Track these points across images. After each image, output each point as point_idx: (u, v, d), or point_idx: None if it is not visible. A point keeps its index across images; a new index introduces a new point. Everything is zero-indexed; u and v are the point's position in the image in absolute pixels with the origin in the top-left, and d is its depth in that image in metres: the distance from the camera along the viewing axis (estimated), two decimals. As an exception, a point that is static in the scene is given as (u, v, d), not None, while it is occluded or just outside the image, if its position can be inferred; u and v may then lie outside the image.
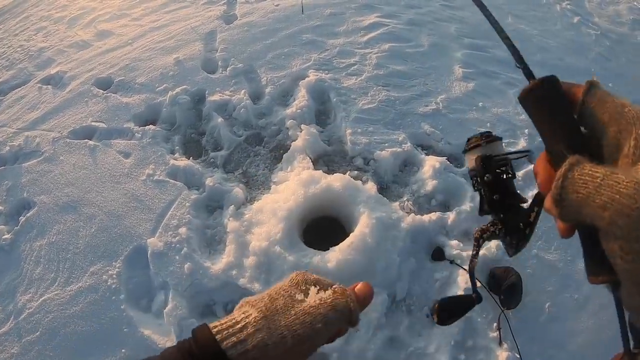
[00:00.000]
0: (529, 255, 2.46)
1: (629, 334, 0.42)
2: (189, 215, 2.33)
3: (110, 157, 2.66)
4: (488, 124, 2.96)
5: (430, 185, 2.50)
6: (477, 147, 0.61)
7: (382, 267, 2.16)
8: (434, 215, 2.37)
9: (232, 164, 2.60)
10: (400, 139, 2.69)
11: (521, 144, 2.91)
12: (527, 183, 2.66)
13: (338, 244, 2.15)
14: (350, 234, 2.16)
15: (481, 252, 2.42)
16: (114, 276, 2.24)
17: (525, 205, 0.60)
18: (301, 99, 2.79)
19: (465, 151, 0.64)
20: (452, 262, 2.27)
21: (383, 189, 2.53)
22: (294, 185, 2.30)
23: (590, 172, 0.39)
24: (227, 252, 2.20)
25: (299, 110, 2.72)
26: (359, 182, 2.42)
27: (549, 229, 2.58)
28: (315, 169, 2.46)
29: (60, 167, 2.70)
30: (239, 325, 0.51)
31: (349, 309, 0.56)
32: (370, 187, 2.43)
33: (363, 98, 2.87)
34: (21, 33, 3.70)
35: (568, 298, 2.40)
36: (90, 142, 2.75)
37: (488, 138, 0.61)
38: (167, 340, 2.08)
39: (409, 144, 2.68)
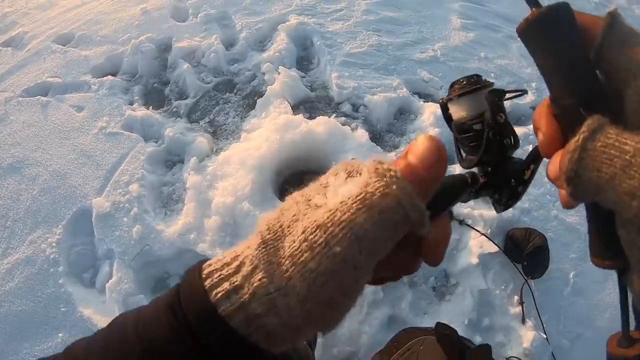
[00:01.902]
0: (549, 216, 1.83)
1: (630, 316, 0.32)
2: (142, 170, 1.72)
3: (62, 112, 2.05)
4: (492, 75, 2.34)
5: (431, 133, 1.88)
6: (467, 94, 0.42)
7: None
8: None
9: (197, 112, 1.98)
10: (394, 84, 2.07)
11: (528, 98, 2.28)
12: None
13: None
14: None
15: (493, 211, 1.80)
16: (54, 245, 1.65)
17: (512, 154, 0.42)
18: (280, 42, 2.16)
19: (450, 100, 0.44)
20: (461, 222, 1.65)
21: (376, 139, 1.90)
22: (267, 131, 1.69)
23: (617, 143, 0.24)
24: (185, 211, 1.59)
25: (277, 54, 2.10)
26: (347, 127, 1.80)
27: (565, 186, 1.95)
28: (295, 115, 1.84)
29: (9, 127, 2.09)
30: (237, 262, 0.25)
31: (402, 210, 0.23)
32: (361, 134, 1.81)
33: (351, 42, 2.24)
34: (-13, -1, 3.09)
35: (592, 267, 1.75)
36: (43, 99, 2.14)
37: (479, 84, 0.42)
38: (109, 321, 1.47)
39: (404, 89, 2.05)
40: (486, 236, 1.56)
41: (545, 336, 1.51)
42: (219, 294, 0.25)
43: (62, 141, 1.93)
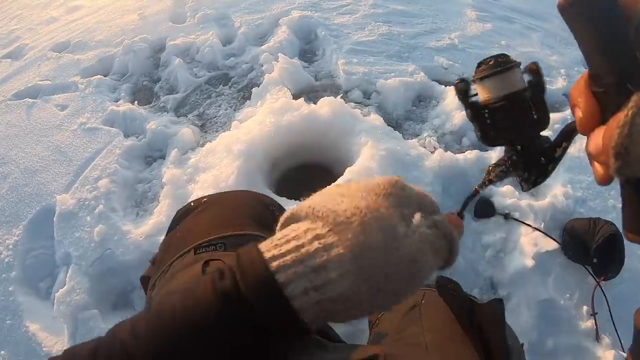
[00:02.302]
0: (606, 207, 1.44)
1: None
2: (115, 165, 1.46)
3: (46, 111, 1.87)
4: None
5: (458, 118, 1.58)
6: (493, 75, 0.44)
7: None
8: (470, 154, 1.42)
9: (186, 106, 1.75)
10: (410, 69, 1.80)
11: (560, 83, 1.99)
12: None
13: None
14: (346, 170, 1.23)
15: (547, 200, 1.43)
16: (10, 247, 1.39)
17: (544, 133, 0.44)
18: (281, 34, 1.96)
19: (481, 78, 0.44)
20: (507, 216, 1.29)
21: (393, 127, 1.61)
22: (262, 115, 1.43)
23: None
24: (158, 209, 1.30)
25: (277, 45, 1.89)
26: (357, 110, 1.51)
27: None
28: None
29: (-9, 130, 1.93)
30: (314, 262, 0.28)
31: (450, 250, 0.34)
32: (374, 118, 1.52)
33: (359, 32, 2.02)
34: (-2, 22, 3.11)
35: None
36: (30, 100, 1.99)
37: (510, 64, 0.43)
38: (57, 342, 1.16)
39: (422, 74, 1.78)
40: (540, 230, 1.19)
41: (625, 355, 1.08)
42: (296, 290, 0.28)
43: (39, 139, 1.72)
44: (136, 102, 1.77)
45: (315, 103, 1.67)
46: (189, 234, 0.71)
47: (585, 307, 1.18)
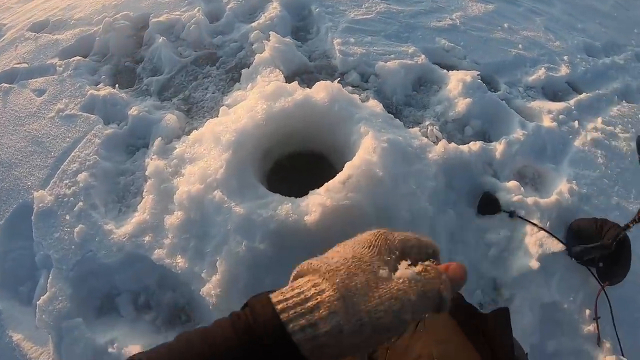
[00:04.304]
0: (609, 205, 1.34)
1: None
2: (95, 156, 1.32)
3: (23, 97, 1.70)
4: (520, 46, 1.92)
5: (462, 105, 1.43)
6: None
7: (405, 221, 1.07)
8: (474, 145, 1.29)
9: (170, 89, 1.58)
10: (410, 51, 1.64)
11: (563, 71, 1.84)
12: None
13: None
14: (346, 164, 1.09)
15: (553, 197, 1.32)
16: None
17: None
18: (272, 10, 1.76)
19: None
20: (512, 214, 1.17)
21: (393, 114, 1.46)
22: (252, 100, 1.27)
23: None
24: (142, 206, 1.17)
25: (268, 22, 1.70)
26: (355, 95, 1.36)
27: (622, 170, 1.48)
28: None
29: (-34, 119, 1.75)
30: (310, 304, 0.33)
31: (440, 297, 0.35)
32: (374, 104, 1.37)
33: (356, 10, 1.83)
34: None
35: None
36: (6, 86, 1.80)
37: None
38: (43, 353, 1.06)
39: (423, 56, 1.61)
40: (546, 231, 1.09)
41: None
42: (296, 327, 0.32)
43: (16, 128, 1.56)
44: (117, 85, 1.59)
45: (309, 86, 1.51)
46: None
47: (587, 311, 1.10)
